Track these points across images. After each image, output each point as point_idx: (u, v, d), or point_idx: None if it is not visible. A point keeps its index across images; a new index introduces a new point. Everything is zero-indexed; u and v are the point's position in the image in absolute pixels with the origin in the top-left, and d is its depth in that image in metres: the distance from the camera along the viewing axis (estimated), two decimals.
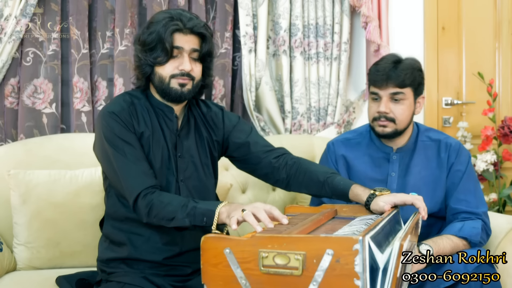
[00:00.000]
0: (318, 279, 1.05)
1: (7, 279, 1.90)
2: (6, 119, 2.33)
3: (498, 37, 3.00)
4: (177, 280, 1.60)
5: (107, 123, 1.55)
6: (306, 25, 2.62)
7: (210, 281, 1.14)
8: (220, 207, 1.39)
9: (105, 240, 1.68)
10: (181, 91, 1.58)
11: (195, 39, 1.58)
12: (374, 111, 1.82)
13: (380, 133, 1.82)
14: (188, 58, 1.57)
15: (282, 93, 2.60)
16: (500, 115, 2.96)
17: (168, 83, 1.58)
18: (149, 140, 1.59)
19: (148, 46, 1.56)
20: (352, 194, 1.56)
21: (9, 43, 2.23)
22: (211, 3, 2.58)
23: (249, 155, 1.72)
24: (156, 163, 1.59)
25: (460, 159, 1.84)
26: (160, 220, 1.47)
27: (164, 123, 1.63)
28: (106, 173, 1.60)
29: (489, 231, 1.79)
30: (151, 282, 1.56)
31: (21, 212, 1.99)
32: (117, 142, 1.53)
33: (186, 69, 1.56)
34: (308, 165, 1.68)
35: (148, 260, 1.60)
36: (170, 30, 1.53)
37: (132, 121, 1.57)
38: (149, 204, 1.47)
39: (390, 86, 1.77)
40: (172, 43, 1.54)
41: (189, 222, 1.42)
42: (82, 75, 2.37)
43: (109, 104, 1.61)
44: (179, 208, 1.43)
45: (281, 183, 1.71)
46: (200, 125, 1.71)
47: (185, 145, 1.65)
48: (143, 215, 1.49)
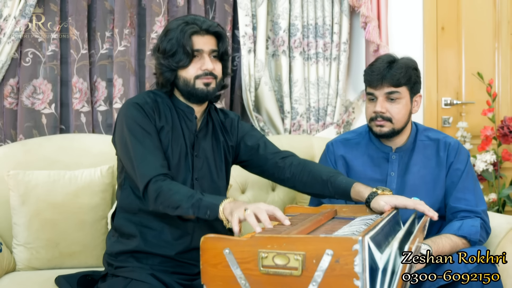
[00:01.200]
0: (318, 279, 1.05)
1: (7, 279, 1.90)
2: (5, 119, 2.33)
3: (498, 37, 3.00)
4: (184, 279, 1.61)
5: (130, 112, 1.60)
6: (306, 25, 2.62)
7: (209, 282, 1.14)
8: (225, 202, 1.40)
9: (114, 234, 1.70)
10: (207, 90, 1.64)
11: (212, 39, 1.64)
12: (371, 111, 1.82)
13: (378, 133, 1.83)
14: (209, 58, 1.63)
15: (281, 93, 2.60)
16: (499, 115, 2.96)
17: (194, 84, 1.63)
18: (168, 136, 1.63)
19: (169, 52, 1.62)
20: (354, 192, 1.56)
21: (8, 43, 2.23)
22: (210, 3, 2.58)
23: (258, 157, 1.77)
24: (173, 158, 1.63)
25: (459, 158, 1.85)
26: (166, 207, 1.48)
27: (184, 122, 1.68)
28: (122, 160, 1.63)
29: (488, 229, 1.79)
30: (158, 279, 1.56)
31: (20, 213, 1.99)
32: (137, 130, 1.58)
33: (209, 68, 1.62)
34: (313, 166, 1.71)
35: (158, 254, 1.62)
36: (188, 33, 1.60)
37: (154, 115, 1.63)
38: (158, 190, 1.49)
39: (385, 85, 1.77)
40: (192, 46, 1.60)
41: (192, 212, 1.44)
42: (81, 76, 2.38)
43: (133, 97, 1.68)
44: (186, 198, 1.45)
45: (287, 183, 1.74)
46: (217, 129, 1.76)
47: (202, 146, 1.70)
48: (151, 200, 1.51)
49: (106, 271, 1.68)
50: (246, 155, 1.79)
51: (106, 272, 1.68)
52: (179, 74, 1.64)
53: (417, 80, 1.83)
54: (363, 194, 1.53)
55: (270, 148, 1.78)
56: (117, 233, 1.69)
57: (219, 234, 1.15)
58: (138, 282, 1.54)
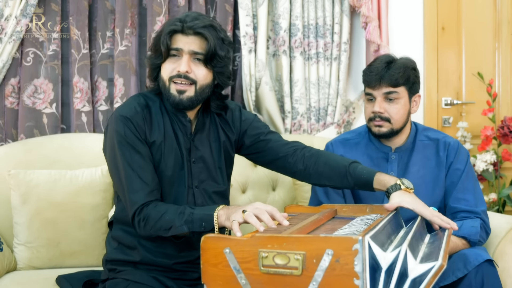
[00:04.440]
0: (318, 279, 1.05)
1: (7, 278, 1.90)
2: (6, 119, 2.33)
3: (498, 37, 3.01)
4: (185, 284, 1.59)
5: (119, 127, 1.51)
6: (306, 25, 2.62)
7: (210, 281, 1.14)
8: (218, 210, 1.37)
9: (114, 240, 1.65)
10: (179, 98, 1.52)
11: (197, 40, 1.51)
12: (370, 111, 1.83)
13: (377, 133, 1.83)
14: (187, 59, 1.50)
15: (282, 93, 2.60)
16: (499, 115, 2.96)
17: (169, 88, 1.53)
18: (161, 148, 1.55)
19: (153, 49, 1.56)
20: (377, 182, 1.54)
21: (10, 43, 2.24)
22: (211, 3, 2.58)
23: (265, 148, 1.69)
24: (167, 170, 1.56)
25: (459, 158, 1.84)
26: (158, 230, 1.44)
27: (178, 127, 1.59)
28: (112, 178, 1.58)
29: (488, 229, 1.79)
30: (159, 282, 1.54)
31: (21, 212, 2.00)
32: (126, 149, 1.50)
33: (181, 69, 1.49)
34: (327, 156, 1.65)
35: (160, 265, 1.58)
36: (167, 30, 1.50)
37: (145, 127, 1.53)
38: (145, 216, 1.45)
39: (383, 85, 1.78)
40: (170, 44, 1.50)
41: (187, 228, 1.39)
42: (82, 75, 2.38)
43: (123, 106, 1.57)
44: (176, 216, 1.40)
45: (299, 175, 1.68)
46: (215, 127, 1.66)
47: (199, 150, 1.61)
48: (141, 227, 1.47)
49: (107, 276, 1.64)
50: (252, 147, 1.71)
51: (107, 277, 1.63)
52: (160, 73, 1.55)
53: (415, 80, 1.83)
54: (387, 183, 1.51)
55: (278, 140, 1.71)
56: (116, 242, 1.64)
57: (219, 234, 1.15)
58: (139, 284, 1.51)
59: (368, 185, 1.55)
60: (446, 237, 1.35)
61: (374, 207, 1.57)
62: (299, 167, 1.65)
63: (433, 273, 1.09)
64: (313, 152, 1.67)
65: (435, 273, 1.09)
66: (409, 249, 1.14)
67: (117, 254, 1.62)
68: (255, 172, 2.32)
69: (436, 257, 1.14)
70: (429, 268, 1.10)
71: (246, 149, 1.73)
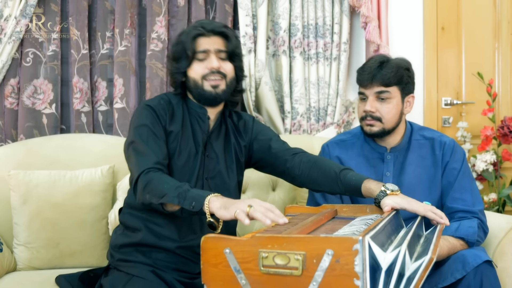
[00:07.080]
0: (318, 279, 1.05)
1: (7, 279, 1.90)
2: (6, 119, 2.33)
3: (498, 37, 3.01)
4: (185, 276, 1.62)
5: (141, 114, 1.64)
6: (306, 25, 2.62)
7: (210, 281, 1.14)
8: (212, 195, 1.38)
9: (120, 227, 1.72)
10: (215, 92, 1.65)
11: (218, 39, 1.66)
12: (361, 110, 1.83)
13: (368, 132, 1.82)
14: (215, 57, 1.65)
15: (281, 93, 2.60)
16: (499, 115, 2.96)
17: (202, 86, 1.65)
18: (177, 137, 1.65)
19: (175, 57, 1.67)
20: (364, 189, 1.56)
21: (9, 43, 2.24)
22: (210, 3, 2.58)
23: (269, 155, 1.77)
24: (180, 160, 1.64)
25: (455, 157, 1.84)
26: (152, 196, 1.45)
27: (197, 123, 1.70)
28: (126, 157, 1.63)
29: (486, 229, 1.78)
30: (158, 276, 1.57)
31: (21, 213, 2.00)
32: (145, 131, 1.59)
33: (214, 66, 1.63)
34: (322, 163, 1.69)
35: (162, 248, 1.62)
36: (191, 35, 1.64)
37: (166, 117, 1.65)
38: (148, 179, 1.47)
39: (375, 85, 1.78)
40: (196, 48, 1.63)
41: (177, 202, 1.40)
42: (82, 76, 2.38)
43: (148, 99, 1.71)
44: (173, 188, 1.43)
45: (297, 181, 1.73)
46: (230, 132, 1.77)
47: (214, 147, 1.71)
48: (140, 189, 1.48)
49: (109, 262, 1.70)
50: (259, 154, 1.79)
51: (109, 266, 1.69)
52: (189, 75, 1.66)
53: (409, 81, 1.82)
54: (373, 192, 1.53)
55: (280, 145, 1.77)
56: (122, 226, 1.71)
57: (219, 234, 1.15)
58: (139, 278, 1.55)
59: (357, 192, 1.58)
60: (438, 232, 1.37)
61: (374, 207, 1.57)
62: (296, 173, 1.71)
63: (423, 268, 1.11)
64: (310, 158, 1.71)
65: (425, 267, 1.11)
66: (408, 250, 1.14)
67: (121, 239, 1.68)
68: (255, 172, 2.31)
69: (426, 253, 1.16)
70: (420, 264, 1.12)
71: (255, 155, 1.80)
